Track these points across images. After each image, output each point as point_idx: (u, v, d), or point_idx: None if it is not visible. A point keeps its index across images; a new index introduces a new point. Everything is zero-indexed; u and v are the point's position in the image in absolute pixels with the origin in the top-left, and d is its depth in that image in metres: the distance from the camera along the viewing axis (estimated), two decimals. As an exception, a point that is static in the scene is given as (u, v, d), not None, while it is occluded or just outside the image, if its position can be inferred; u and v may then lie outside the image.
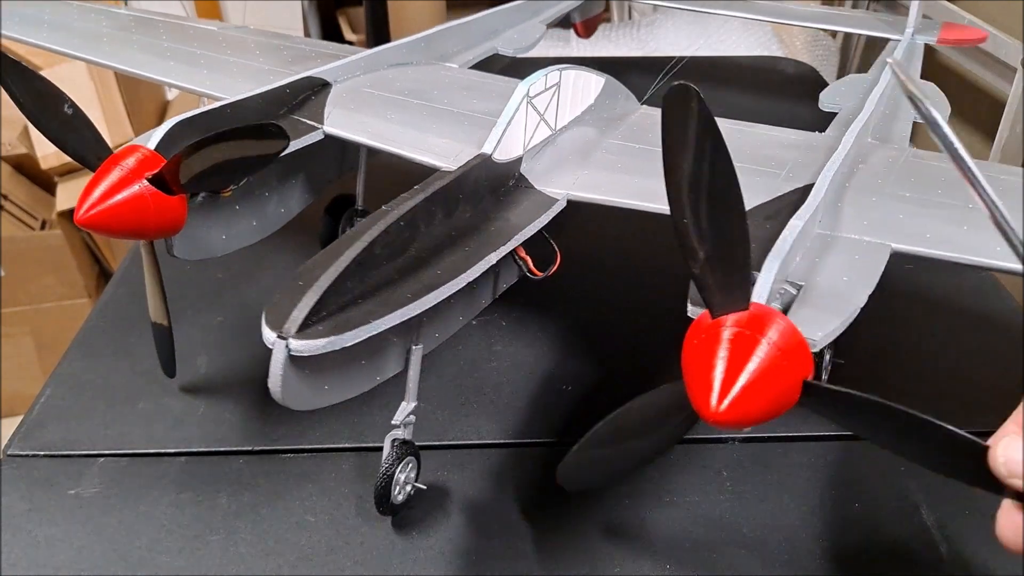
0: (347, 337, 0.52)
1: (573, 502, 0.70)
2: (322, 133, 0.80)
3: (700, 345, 0.46)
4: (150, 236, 0.69)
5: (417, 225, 0.60)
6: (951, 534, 0.68)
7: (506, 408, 0.80)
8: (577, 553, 0.66)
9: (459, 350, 0.86)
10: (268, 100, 0.80)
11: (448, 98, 0.86)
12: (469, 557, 0.65)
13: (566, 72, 0.78)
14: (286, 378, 0.52)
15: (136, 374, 0.84)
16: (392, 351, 0.62)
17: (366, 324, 0.53)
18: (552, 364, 0.86)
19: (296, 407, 0.55)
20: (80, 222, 0.63)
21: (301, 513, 0.69)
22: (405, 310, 0.55)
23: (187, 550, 0.66)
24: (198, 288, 0.97)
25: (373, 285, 0.56)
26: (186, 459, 0.75)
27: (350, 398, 0.60)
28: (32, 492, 0.72)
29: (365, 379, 0.61)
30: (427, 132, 0.79)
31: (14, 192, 2.04)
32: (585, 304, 0.95)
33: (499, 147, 0.70)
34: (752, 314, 0.46)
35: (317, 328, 0.51)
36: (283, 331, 0.50)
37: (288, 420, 0.78)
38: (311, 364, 0.53)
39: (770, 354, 0.44)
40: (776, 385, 0.44)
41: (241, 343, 0.88)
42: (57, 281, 2.03)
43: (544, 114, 0.75)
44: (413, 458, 0.68)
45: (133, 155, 0.65)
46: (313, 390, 0.55)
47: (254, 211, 0.81)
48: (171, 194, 0.65)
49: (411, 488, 0.68)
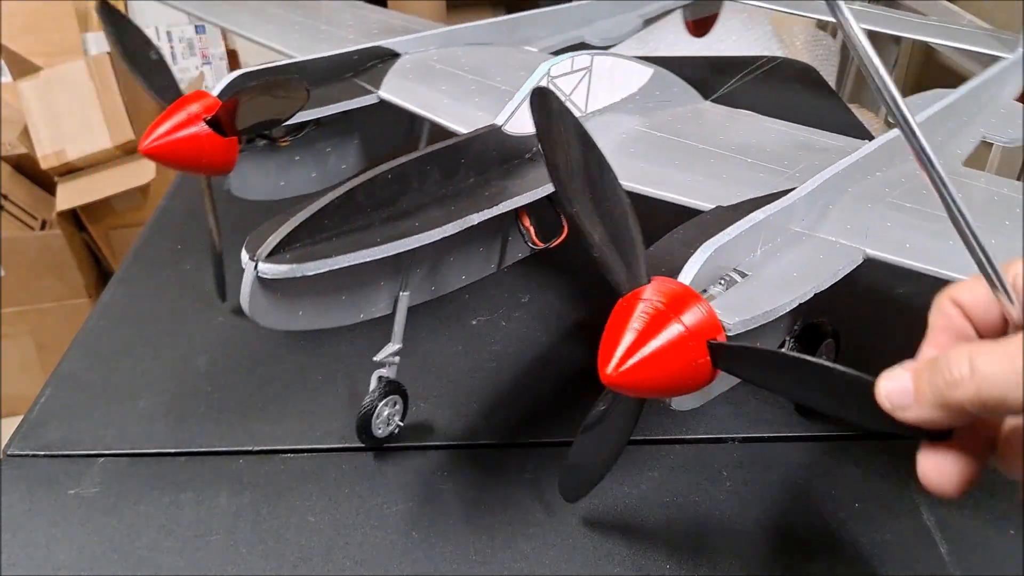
0: (307, 267, 0.57)
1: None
2: (377, 97, 0.86)
3: (608, 321, 0.48)
4: (203, 172, 0.77)
5: (409, 180, 0.65)
6: (951, 534, 0.68)
7: (506, 408, 0.80)
8: (577, 553, 0.66)
9: (459, 350, 0.86)
10: (334, 63, 0.88)
11: (503, 76, 0.88)
12: (469, 557, 0.66)
13: (599, 58, 0.78)
14: (253, 296, 0.59)
15: (136, 374, 0.84)
16: (379, 294, 0.68)
17: (327, 259, 0.58)
18: (553, 364, 0.86)
19: (266, 324, 0.62)
20: (144, 151, 0.73)
21: (301, 513, 0.69)
22: (369, 251, 0.60)
23: (187, 550, 0.66)
24: (199, 288, 0.97)
25: (349, 228, 0.61)
26: (186, 459, 0.75)
27: (331, 327, 0.66)
28: (32, 492, 0.72)
29: (346, 314, 0.67)
30: (468, 105, 0.82)
31: (14, 192, 2.04)
32: (586, 304, 0.95)
33: (512, 120, 0.72)
34: (654, 287, 0.48)
35: (284, 256, 0.57)
36: (255, 255, 0.57)
37: (288, 420, 0.78)
38: (280, 287, 0.59)
39: (659, 319, 0.46)
40: (671, 352, 0.46)
41: (242, 343, 0.88)
42: (57, 281, 2.03)
43: (571, 95, 0.76)
44: (399, 397, 0.72)
45: (198, 100, 0.75)
46: (284, 312, 0.62)
47: (314, 163, 0.89)
48: (224, 136, 0.74)
49: (394, 426, 0.73)
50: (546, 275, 0.99)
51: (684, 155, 0.74)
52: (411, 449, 0.76)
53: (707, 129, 0.80)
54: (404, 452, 0.75)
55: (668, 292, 0.48)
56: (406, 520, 0.69)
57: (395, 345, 0.71)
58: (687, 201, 0.68)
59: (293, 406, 0.80)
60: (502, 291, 0.96)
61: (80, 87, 2.00)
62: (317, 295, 0.63)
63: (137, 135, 2.03)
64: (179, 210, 1.16)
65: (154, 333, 0.90)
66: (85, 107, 2.00)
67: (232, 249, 0.85)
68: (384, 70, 0.90)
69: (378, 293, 0.68)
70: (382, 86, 0.87)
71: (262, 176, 0.85)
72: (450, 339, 0.87)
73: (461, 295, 0.94)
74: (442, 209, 0.65)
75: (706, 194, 0.68)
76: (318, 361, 0.86)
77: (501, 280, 0.97)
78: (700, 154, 0.75)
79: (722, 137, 0.78)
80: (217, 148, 0.74)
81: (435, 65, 0.92)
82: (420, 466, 0.74)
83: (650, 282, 0.49)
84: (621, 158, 0.74)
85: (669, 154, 0.75)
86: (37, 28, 2.36)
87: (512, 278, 0.98)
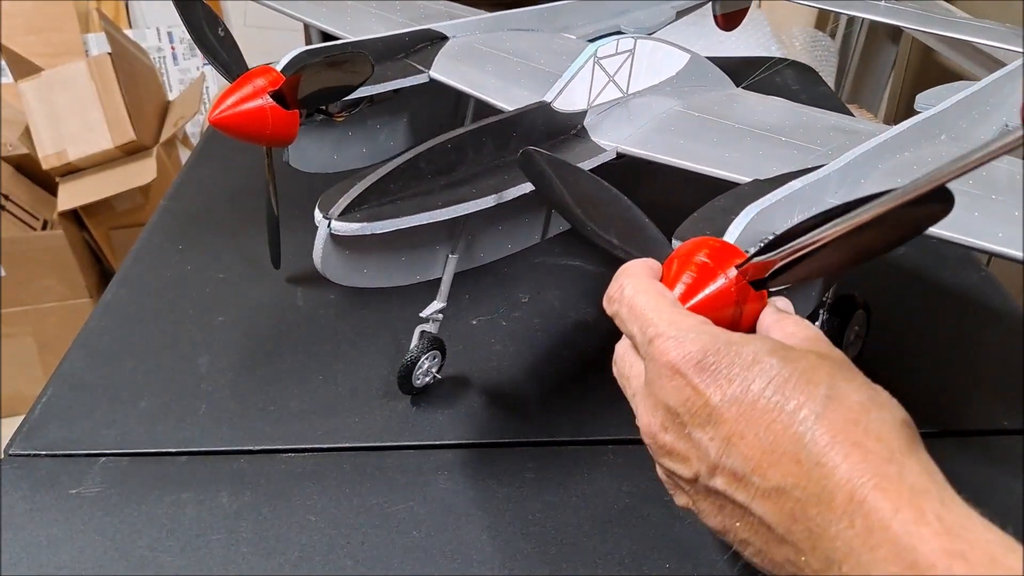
0: (376, 225, 0.62)
1: (574, 502, 0.70)
2: (427, 76, 0.90)
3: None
4: (266, 143, 0.82)
5: (465, 150, 0.68)
6: (950, 534, 0.68)
7: (506, 408, 0.80)
8: (578, 552, 0.66)
9: (459, 350, 0.86)
10: (387, 43, 0.92)
11: (546, 59, 0.92)
12: (469, 557, 0.66)
13: (642, 42, 0.81)
14: (326, 252, 0.63)
15: (138, 374, 0.85)
16: (434, 256, 0.72)
17: (395, 218, 0.62)
18: (553, 364, 0.86)
19: (334, 279, 0.65)
20: (212, 121, 0.77)
21: (302, 513, 0.70)
22: (431, 214, 0.64)
23: (188, 550, 0.66)
24: (200, 288, 0.97)
25: (412, 192, 0.65)
26: (187, 459, 0.75)
27: (390, 286, 0.70)
28: (33, 492, 0.72)
29: (404, 274, 0.71)
30: (514, 84, 0.86)
31: (15, 192, 2.04)
32: (586, 304, 0.95)
33: (560, 97, 0.75)
34: (691, 242, 0.51)
35: (355, 215, 0.61)
36: (328, 213, 0.61)
37: (288, 420, 0.79)
38: (349, 245, 0.64)
39: (685, 264, 0.49)
40: (705, 284, 0.48)
41: (242, 343, 0.89)
42: (58, 281, 2.03)
43: (615, 76, 0.79)
44: (439, 352, 0.79)
45: (263, 75, 0.78)
46: (350, 268, 0.66)
47: (365, 139, 0.95)
48: (287, 109, 0.77)
49: (431, 378, 0.80)
50: (547, 275, 0.99)
51: (721, 134, 0.77)
52: (411, 449, 0.76)
53: (742, 111, 0.82)
54: (405, 452, 0.76)
55: (687, 244, 0.50)
56: (406, 520, 0.69)
57: (440, 303, 0.76)
58: (725, 175, 0.70)
59: (294, 406, 0.80)
60: (502, 291, 0.96)
61: (81, 88, 2.00)
62: (381, 254, 0.67)
63: (138, 135, 2.03)
64: (180, 210, 1.16)
65: (155, 333, 0.90)
66: (86, 108, 2.01)
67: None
68: (434, 52, 0.95)
69: (434, 256, 0.72)
70: (432, 66, 0.91)
71: (318, 150, 0.90)
72: (450, 339, 0.87)
73: (462, 295, 0.94)
74: (496, 178, 0.68)
75: (744, 168, 0.70)
76: (319, 361, 0.86)
77: (501, 280, 0.97)
78: (736, 133, 0.77)
79: (756, 118, 0.80)
80: (280, 120, 0.78)
81: (482, 48, 0.96)
82: (420, 466, 0.74)
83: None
84: (662, 135, 0.77)
85: (707, 132, 0.77)
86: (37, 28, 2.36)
87: (513, 278, 0.98)
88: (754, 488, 0.39)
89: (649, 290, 0.47)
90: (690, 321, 0.44)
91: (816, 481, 0.36)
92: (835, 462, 0.35)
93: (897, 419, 0.38)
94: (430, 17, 1.08)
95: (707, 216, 0.59)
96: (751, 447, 0.39)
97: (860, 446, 0.36)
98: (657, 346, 0.44)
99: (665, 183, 0.78)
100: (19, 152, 2.06)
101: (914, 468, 0.35)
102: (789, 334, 0.45)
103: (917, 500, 0.33)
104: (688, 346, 0.42)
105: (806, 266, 0.45)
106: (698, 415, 0.41)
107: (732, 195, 0.63)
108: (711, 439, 0.41)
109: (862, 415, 0.37)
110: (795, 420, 0.38)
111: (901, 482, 0.34)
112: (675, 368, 0.42)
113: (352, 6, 1.11)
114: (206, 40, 0.84)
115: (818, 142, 0.75)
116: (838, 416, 0.37)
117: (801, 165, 0.69)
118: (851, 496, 0.34)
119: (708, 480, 0.41)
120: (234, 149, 1.21)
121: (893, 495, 0.34)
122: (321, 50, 0.87)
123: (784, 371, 0.39)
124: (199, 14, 0.84)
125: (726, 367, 0.41)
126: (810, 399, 0.38)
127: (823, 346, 0.44)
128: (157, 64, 2.45)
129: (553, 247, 0.98)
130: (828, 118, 0.83)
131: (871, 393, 0.39)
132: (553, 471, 0.73)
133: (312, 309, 0.94)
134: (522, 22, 1.05)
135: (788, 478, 0.37)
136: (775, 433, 0.38)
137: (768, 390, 0.39)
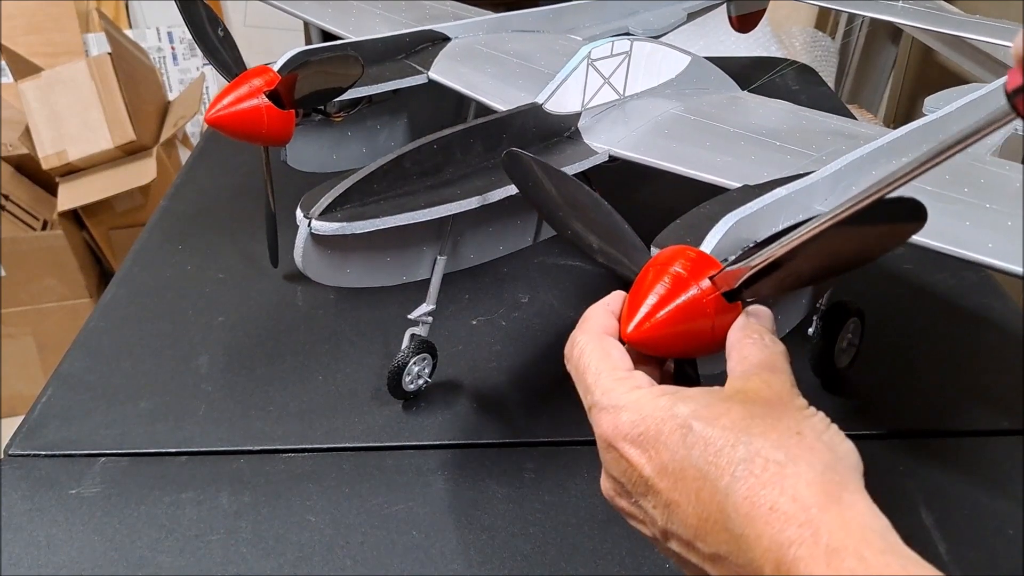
0: (357, 225, 0.62)
1: (574, 502, 0.70)
2: (426, 77, 0.90)
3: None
4: (262, 142, 0.82)
5: (453, 151, 0.68)
6: (950, 534, 0.68)
7: (506, 408, 0.80)
8: (577, 553, 0.66)
9: (459, 350, 0.86)
10: (387, 44, 0.92)
11: (547, 61, 0.92)
12: (469, 557, 0.66)
13: (639, 43, 0.80)
14: (307, 251, 0.63)
15: (137, 374, 0.85)
16: (420, 257, 0.72)
17: (376, 218, 0.62)
18: (553, 364, 0.86)
19: (316, 279, 0.65)
20: (208, 120, 0.77)
21: (302, 513, 0.69)
22: (413, 214, 0.64)
23: (188, 550, 0.66)
24: (200, 288, 0.97)
25: (396, 192, 0.65)
26: (187, 459, 0.75)
27: (375, 286, 0.70)
28: (33, 492, 0.72)
29: (390, 274, 0.71)
30: (511, 86, 0.86)
31: (15, 192, 2.04)
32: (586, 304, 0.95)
33: (553, 99, 0.75)
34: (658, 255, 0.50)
35: (336, 215, 0.61)
36: (309, 213, 0.61)
37: (288, 420, 0.79)
38: (331, 244, 0.63)
39: (660, 273, 0.48)
40: (678, 294, 0.47)
41: (241, 343, 0.89)
42: (58, 281, 2.03)
43: (610, 78, 0.79)
44: (428, 355, 0.78)
45: (260, 75, 0.79)
46: (333, 268, 0.66)
47: (365, 139, 0.95)
48: (283, 109, 0.78)
49: (422, 381, 0.79)
50: (546, 275, 0.99)
51: (716, 137, 0.76)
52: (411, 449, 0.76)
53: (740, 115, 0.81)
54: (404, 452, 0.76)
55: (665, 253, 0.49)
56: (406, 520, 0.69)
57: (429, 306, 0.75)
58: (715, 179, 0.69)
59: (293, 406, 0.80)
60: (502, 291, 0.96)
61: (81, 88, 2.00)
62: (364, 254, 0.67)
63: (138, 135, 2.03)
64: (180, 210, 1.16)
65: (155, 333, 0.90)
66: (86, 108, 2.01)
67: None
68: (434, 52, 0.94)
69: (420, 257, 0.72)
70: (432, 67, 0.91)
71: (316, 149, 0.91)
72: (449, 339, 0.87)
73: (461, 295, 0.94)
74: (484, 179, 0.68)
75: (734, 173, 0.69)
76: (318, 361, 0.86)
77: (501, 280, 0.97)
78: (731, 137, 0.76)
79: (755, 122, 0.79)
80: (275, 120, 0.79)
81: (482, 49, 0.96)
82: (420, 466, 0.74)
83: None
84: (656, 138, 0.76)
85: (701, 136, 0.77)
86: (38, 28, 2.36)
87: (512, 278, 0.98)
88: (700, 553, 0.40)
89: (596, 351, 0.48)
90: (622, 389, 0.44)
91: (744, 552, 0.37)
92: (757, 532, 0.36)
93: (816, 469, 0.37)
94: (435, 18, 1.08)
95: (690, 223, 0.58)
96: (688, 515, 0.39)
97: (776, 511, 0.36)
98: (593, 416, 0.45)
99: (663, 186, 0.78)
100: (19, 152, 2.06)
101: (831, 525, 0.35)
102: (743, 358, 0.44)
103: (833, 561, 0.34)
104: (618, 419, 0.43)
105: (777, 276, 0.44)
106: (638, 485, 0.42)
107: (718, 201, 0.62)
108: (654, 507, 0.41)
109: (777, 476, 0.37)
110: (718, 489, 0.38)
111: (816, 545, 0.34)
112: (608, 442, 0.43)
113: (357, 6, 1.12)
114: (207, 40, 0.85)
115: (814, 146, 0.73)
116: (755, 481, 0.37)
117: (795, 170, 0.67)
118: (777, 565, 0.35)
119: (665, 543, 0.42)
120: (233, 149, 1.21)
121: (810, 561, 0.34)
122: (319, 50, 0.87)
123: (706, 434, 0.39)
124: (201, 13, 0.85)
125: (653, 437, 0.41)
126: (729, 464, 0.38)
127: (766, 375, 0.43)
128: (157, 64, 2.46)
129: (552, 247, 0.98)
130: (829, 122, 0.81)
131: (791, 443, 0.39)
132: (552, 471, 0.73)
133: (312, 309, 0.94)
134: (527, 23, 1.04)
135: (722, 546, 0.38)
136: (704, 502, 0.39)
137: (693, 456, 0.39)
